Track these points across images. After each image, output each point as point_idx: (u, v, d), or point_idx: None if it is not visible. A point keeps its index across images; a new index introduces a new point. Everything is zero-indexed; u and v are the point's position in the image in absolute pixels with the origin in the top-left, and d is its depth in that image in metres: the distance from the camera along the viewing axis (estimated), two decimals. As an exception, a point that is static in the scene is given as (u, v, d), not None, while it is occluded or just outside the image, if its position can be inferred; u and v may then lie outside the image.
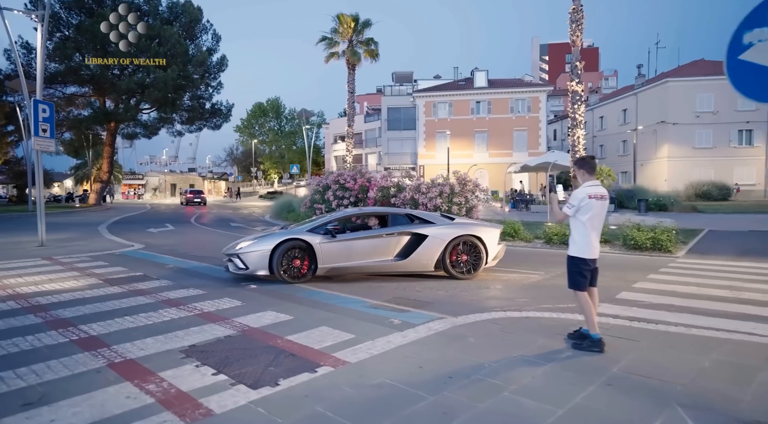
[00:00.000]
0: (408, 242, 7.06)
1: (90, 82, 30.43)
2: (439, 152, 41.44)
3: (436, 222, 7.33)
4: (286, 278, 6.66)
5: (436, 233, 7.07)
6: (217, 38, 34.80)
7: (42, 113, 11.27)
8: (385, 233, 7.06)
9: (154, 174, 72.45)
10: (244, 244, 6.88)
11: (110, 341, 4.27)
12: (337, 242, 6.85)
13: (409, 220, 7.47)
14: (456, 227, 7.27)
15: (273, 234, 7.02)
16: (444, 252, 7.02)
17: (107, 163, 35.15)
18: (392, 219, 7.54)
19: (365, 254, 6.95)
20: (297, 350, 4.00)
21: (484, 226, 7.61)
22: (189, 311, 5.33)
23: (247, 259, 6.68)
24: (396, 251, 7.06)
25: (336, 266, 6.88)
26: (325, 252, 6.77)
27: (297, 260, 6.74)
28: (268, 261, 6.61)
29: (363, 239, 6.98)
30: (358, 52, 25.84)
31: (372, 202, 15.58)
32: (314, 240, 6.74)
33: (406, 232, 7.07)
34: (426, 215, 7.57)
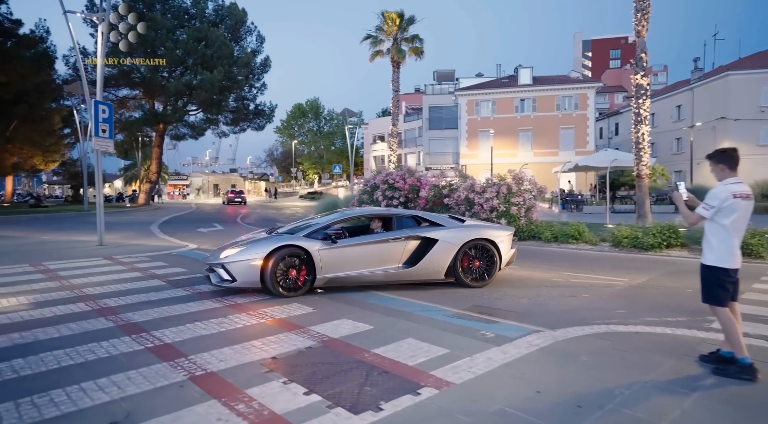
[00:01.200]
0: (416, 247, 6.34)
1: (140, 84, 31.36)
2: (482, 152, 40.52)
3: (446, 224, 6.67)
4: (281, 291, 5.76)
5: (447, 236, 6.39)
6: (261, 40, 35.24)
7: (102, 114, 11.41)
8: (392, 238, 6.28)
9: (197, 175, 74.52)
10: (231, 252, 5.92)
11: (186, 350, 4.01)
12: (338, 248, 6.03)
13: (415, 222, 6.70)
14: (467, 229, 6.64)
15: (264, 240, 6.09)
16: (455, 258, 6.36)
17: (156, 163, 36.19)
18: (397, 221, 6.64)
19: (370, 262, 6.15)
20: (389, 366, 3.60)
21: (497, 228, 7.01)
22: (260, 317, 5.05)
23: (234, 269, 5.75)
24: (403, 258, 6.30)
25: (337, 276, 6.04)
26: (324, 260, 5.92)
27: (293, 270, 5.83)
28: (260, 271, 5.73)
29: (367, 245, 6.19)
30: (403, 49, 25.45)
31: (423, 203, 15.14)
32: (312, 247, 5.89)
33: (414, 236, 6.34)
34: (434, 217, 6.89)
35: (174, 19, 31.71)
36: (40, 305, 5.61)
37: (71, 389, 3.22)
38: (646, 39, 14.47)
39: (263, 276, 5.74)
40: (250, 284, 5.79)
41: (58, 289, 6.50)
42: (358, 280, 6.16)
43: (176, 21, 31.85)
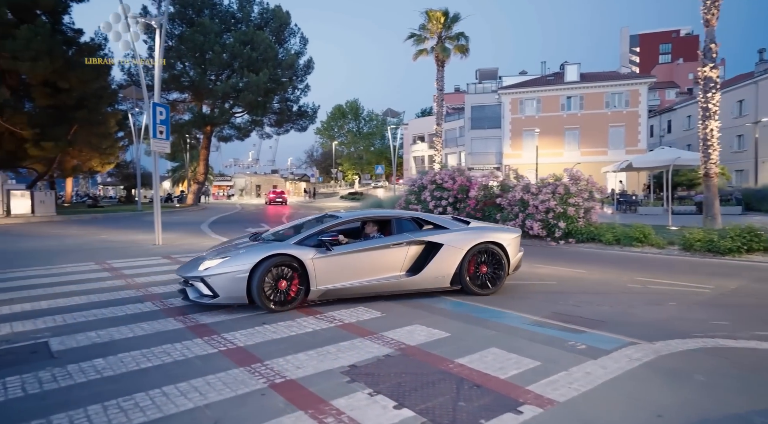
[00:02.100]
0: (420, 253, 5.79)
1: (189, 88, 32.32)
2: (526, 151, 39.52)
3: (450, 227, 6.11)
4: (270, 306, 5.13)
5: (452, 240, 5.86)
6: (304, 41, 35.64)
7: (159, 115, 11.66)
8: (393, 243, 5.68)
9: (240, 176, 76.37)
10: (211, 263, 5.19)
11: (260, 355, 3.88)
12: (335, 256, 5.39)
13: (417, 225, 6.11)
14: (473, 232, 6.12)
15: (250, 248, 5.39)
16: (462, 263, 5.83)
17: (203, 165, 37.24)
18: (397, 225, 6.01)
19: (369, 270, 5.55)
20: (479, 379, 3.33)
21: (504, 230, 6.51)
22: (328, 321, 4.88)
23: (215, 283, 5.03)
24: (406, 265, 5.72)
25: (333, 288, 5.41)
26: (319, 270, 5.30)
27: (283, 281, 5.18)
28: (246, 284, 5.04)
29: (366, 251, 5.56)
30: (447, 47, 25.05)
31: (474, 203, 14.75)
32: (306, 255, 5.26)
33: (416, 240, 5.77)
34: (437, 219, 6.32)
35: (221, 23, 32.53)
36: (110, 303, 5.66)
37: (154, 394, 3.13)
38: (715, 28, 13.54)
39: (250, 290, 5.07)
40: (234, 299, 5.10)
41: (125, 288, 6.59)
42: (358, 291, 5.54)
43: (223, 25, 32.67)
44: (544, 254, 10.45)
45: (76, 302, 5.75)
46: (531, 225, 12.46)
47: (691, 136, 41.86)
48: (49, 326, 4.74)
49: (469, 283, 5.89)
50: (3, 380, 3.39)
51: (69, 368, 3.59)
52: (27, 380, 3.37)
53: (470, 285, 5.89)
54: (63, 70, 22.85)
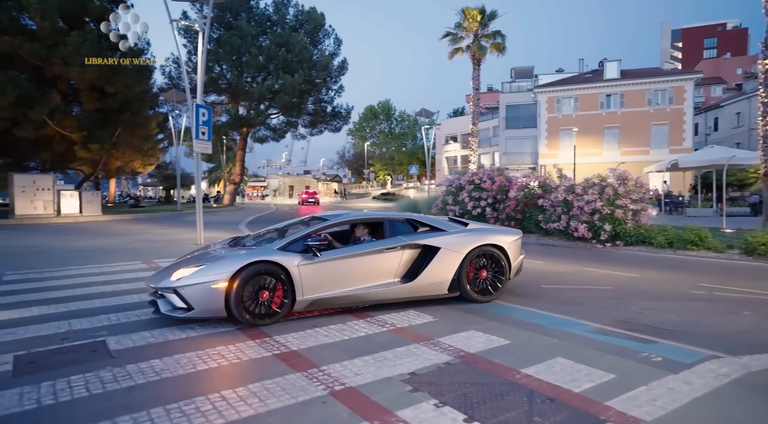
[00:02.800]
0: (415, 258, 5.38)
1: (227, 90, 33.00)
2: (563, 151, 38.50)
3: (447, 229, 5.70)
4: (249, 319, 4.61)
5: (450, 243, 5.46)
6: (338, 42, 35.86)
7: (202, 117, 11.83)
8: (386, 247, 5.25)
9: (274, 176, 77.58)
10: (185, 272, 4.68)
11: (315, 359, 3.78)
12: (323, 262, 4.92)
13: (411, 227, 5.67)
14: (472, 234, 5.69)
15: (229, 256, 4.89)
16: (460, 268, 5.42)
17: (239, 166, 37.96)
18: (390, 227, 5.57)
19: (361, 277, 5.11)
20: (551, 391, 3.12)
21: (505, 232, 6.08)
22: (380, 325, 4.75)
23: (190, 295, 4.53)
24: (401, 270, 5.31)
25: (322, 297, 4.93)
26: (306, 278, 4.83)
27: (265, 292, 4.68)
28: (224, 296, 4.54)
29: (357, 257, 5.13)
30: (483, 46, 24.66)
31: (513, 204, 14.39)
32: (291, 262, 4.78)
33: (411, 244, 5.35)
34: (432, 221, 5.91)
35: (257, 26, 33.07)
36: (161, 303, 5.69)
37: (214, 398, 3.07)
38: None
39: (228, 301, 4.56)
40: (211, 312, 4.61)
41: (174, 287, 6.63)
42: (348, 301, 5.11)
43: (259, 28, 33.20)
44: (592, 257, 10.04)
45: (127, 301, 5.82)
46: (576, 227, 12.02)
47: (740, 135, 39.85)
48: (104, 324, 4.79)
49: (468, 289, 5.49)
50: (68, 378, 3.41)
51: (128, 369, 3.59)
52: (90, 380, 3.38)
53: (470, 291, 5.50)
54: (109, 74, 23.68)
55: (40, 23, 20.80)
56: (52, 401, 3.06)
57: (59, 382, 3.34)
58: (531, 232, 14.23)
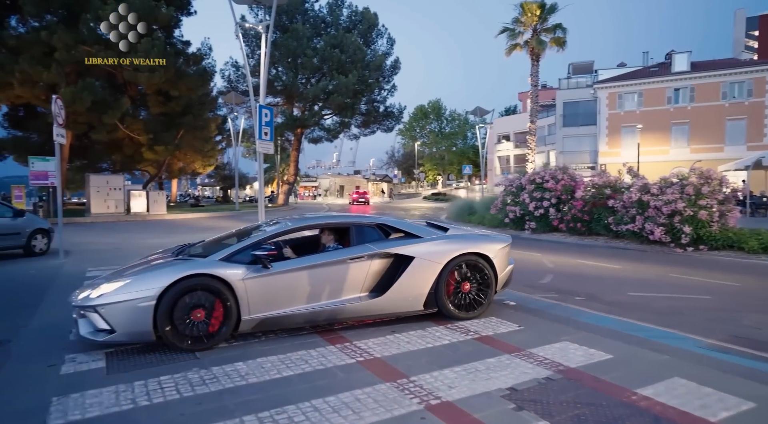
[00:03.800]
0: (385, 269, 4.68)
1: (282, 92, 33.71)
2: (625, 149, 36.54)
3: (424, 235, 4.94)
4: (181, 344, 3.91)
5: (426, 251, 4.74)
6: (391, 42, 35.78)
7: (264, 117, 11.95)
8: (350, 257, 4.56)
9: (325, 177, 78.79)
10: (108, 287, 3.99)
11: (402, 368, 3.58)
12: (274, 275, 4.24)
13: (382, 233, 4.95)
14: (452, 241, 4.98)
15: (161, 267, 4.24)
16: (438, 280, 4.71)
17: (294, 166, 38.74)
18: (357, 233, 4.85)
19: (321, 292, 4.42)
20: (680, 419, 2.75)
21: (490, 239, 5.31)
22: (463, 332, 4.48)
23: (112, 315, 3.82)
24: (367, 284, 4.61)
25: (273, 315, 4.23)
26: (254, 293, 4.14)
27: (200, 311, 3.96)
28: (153, 316, 3.82)
29: (316, 268, 4.43)
30: (543, 40, 23.77)
31: (580, 204, 13.67)
32: (234, 275, 4.09)
33: (381, 253, 4.64)
34: (407, 226, 5.11)
35: (312, 28, 33.58)
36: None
37: (305, 408, 2.93)
38: None
39: (157, 323, 3.85)
40: (137, 335, 3.90)
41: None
42: (306, 319, 4.41)
43: (314, 30, 33.70)
44: (673, 262, 9.30)
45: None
46: (651, 229, 11.23)
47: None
48: (185, 323, 4.80)
49: (448, 304, 4.77)
50: (158, 379, 3.39)
51: (214, 371, 3.53)
52: (179, 382, 3.34)
53: (449, 307, 4.78)
54: (174, 79, 24.72)
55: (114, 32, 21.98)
56: (147, 403, 3.03)
57: (150, 382, 3.33)
58: (599, 234, 13.49)
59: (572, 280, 7.73)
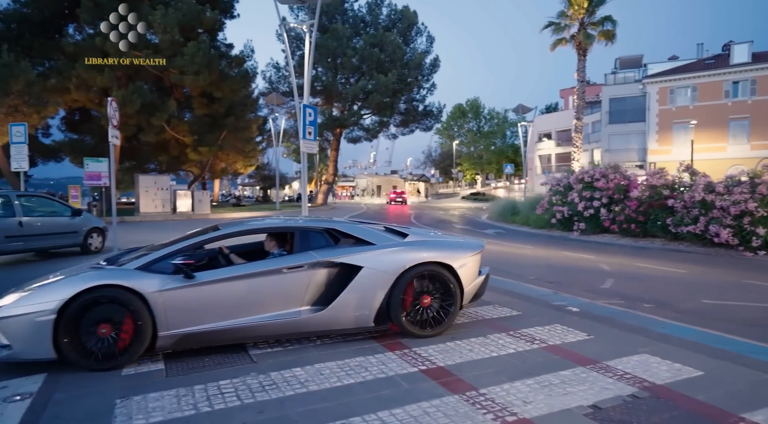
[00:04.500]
0: (330, 279, 4.16)
1: (321, 92, 33.94)
2: (677, 147, 34.80)
3: (377, 242, 4.40)
4: (85, 363, 3.52)
5: (377, 261, 4.20)
6: (430, 40, 35.43)
7: (308, 117, 11.94)
8: (288, 266, 4.05)
9: (362, 176, 79.10)
10: (9, 298, 3.62)
11: (469, 379, 3.35)
12: (198, 286, 3.79)
13: (331, 239, 4.42)
14: (409, 249, 4.40)
15: (69, 276, 3.80)
16: (391, 293, 4.17)
17: (333, 166, 39.00)
18: (301, 239, 4.35)
19: (254, 305, 3.94)
20: (801, 450, 2.39)
21: (456, 246, 4.72)
22: (527, 340, 4.21)
23: (9, 329, 3.46)
24: (309, 296, 4.09)
25: (197, 331, 3.76)
26: (173, 307, 3.70)
27: (105, 326, 3.54)
28: (52, 331, 3.42)
29: (249, 279, 3.96)
30: (591, 34, 22.85)
31: (635, 204, 12.99)
32: (148, 286, 3.65)
33: (324, 262, 4.14)
34: (360, 231, 4.53)
35: (351, 28, 33.67)
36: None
37: (372, 420, 2.76)
38: None
39: (57, 339, 3.44)
40: (35, 353, 3.47)
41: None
42: (237, 335, 3.94)
43: (353, 30, 33.77)
44: (744, 267, 8.64)
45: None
46: (717, 231, 10.51)
47: None
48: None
49: (403, 320, 4.21)
50: (217, 383, 3.31)
51: (273, 377, 3.41)
52: (239, 387, 3.24)
53: (405, 324, 4.22)
54: (218, 81, 25.30)
55: (162, 37, 22.72)
56: (208, 409, 2.94)
57: (210, 387, 3.24)
58: (654, 235, 12.81)
59: (635, 285, 7.27)
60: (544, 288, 6.62)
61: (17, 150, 13.35)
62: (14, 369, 3.55)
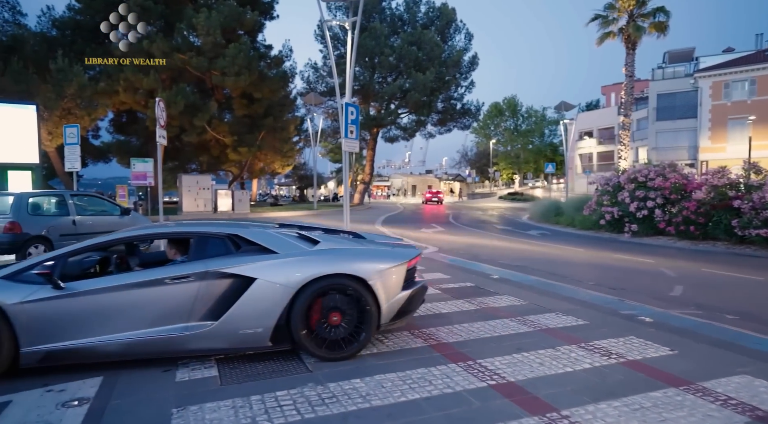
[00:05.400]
0: (221, 293, 3.65)
1: (358, 91, 33.93)
2: (732, 144, 32.92)
3: (279, 251, 3.85)
4: None
5: (273, 272, 3.68)
6: (469, 37, 34.82)
7: (350, 115, 11.78)
8: (170, 277, 3.60)
9: (397, 176, 78.93)
10: None
11: (546, 398, 3.03)
12: (68, 297, 3.41)
13: (232, 246, 3.91)
14: (315, 259, 3.86)
15: None
16: (291, 309, 3.63)
17: (369, 165, 38.94)
18: (198, 246, 3.90)
19: (134, 319, 3.52)
20: None
21: (373, 255, 4.12)
22: (603, 354, 3.83)
23: None
24: (198, 311, 3.60)
25: (66, 347, 3.38)
26: (37, 320, 3.34)
27: None
28: None
29: (126, 290, 3.54)
30: (641, 26, 21.80)
31: (694, 205, 12.20)
32: (8, 297, 3.31)
33: (213, 272, 3.65)
34: (264, 238, 3.96)
35: (389, 26, 33.48)
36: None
37: (448, 444, 2.48)
38: None
39: None
40: None
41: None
42: (115, 351, 3.48)
43: (390, 28, 33.58)
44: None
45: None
46: (791, 235, 9.68)
47: None
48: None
49: (304, 340, 3.64)
50: (274, 394, 3.12)
51: (332, 389, 3.19)
52: (297, 399, 3.04)
53: (307, 344, 3.66)
54: (257, 82, 25.65)
55: (204, 39, 23.19)
56: (267, 422, 2.74)
57: (267, 398, 3.06)
58: (716, 238, 11.99)
59: (710, 293, 6.70)
60: (606, 295, 6.17)
61: (71, 151, 13.81)
62: (73, 371, 3.48)
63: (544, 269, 8.48)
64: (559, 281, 7.09)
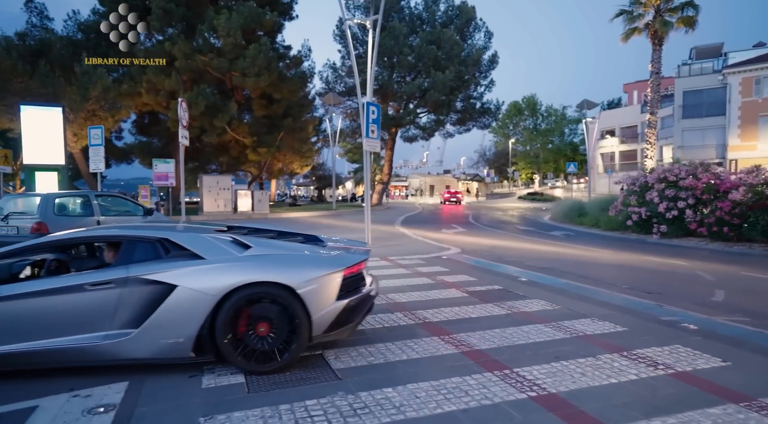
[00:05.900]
0: (142, 300, 3.47)
1: (377, 91, 33.79)
2: (763, 142, 31.92)
3: (207, 256, 3.65)
4: None
5: (196, 278, 3.49)
6: (489, 35, 34.38)
7: (371, 115, 11.65)
8: (91, 283, 3.45)
9: (415, 176, 78.62)
10: None
11: (593, 412, 2.84)
12: None
13: (161, 249, 3.75)
14: (242, 265, 3.61)
15: None
16: (215, 318, 3.42)
17: (388, 165, 38.77)
18: (125, 250, 3.76)
19: (50, 327, 3.40)
20: None
21: (304, 261, 3.84)
22: (649, 364, 3.61)
23: None
24: (120, 319, 3.44)
25: None
26: None
27: None
28: None
29: (44, 296, 3.44)
30: (668, 21, 21.17)
31: (728, 206, 11.73)
32: None
33: (135, 278, 3.48)
34: (192, 242, 3.75)
35: (408, 26, 33.28)
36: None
37: (492, 463, 2.30)
38: None
39: None
40: None
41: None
42: (28, 360, 3.40)
43: (409, 28, 33.37)
44: None
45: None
46: (834, 237, 9.20)
47: None
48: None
49: (231, 352, 3.45)
50: (304, 403, 2.98)
51: (363, 398, 3.04)
52: (327, 409, 2.90)
53: (231, 355, 3.46)
54: (277, 82, 25.72)
55: (225, 40, 23.35)
56: (299, 436, 2.61)
57: (297, 408, 2.92)
58: (752, 240, 11.52)
59: (755, 299, 6.37)
60: (643, 300, 5.90)
61: (95, 152, 13.99)
62: (98, 375, 3.41)
63: (573, 271, 8.21)
64: (590, 285, 6.83)
